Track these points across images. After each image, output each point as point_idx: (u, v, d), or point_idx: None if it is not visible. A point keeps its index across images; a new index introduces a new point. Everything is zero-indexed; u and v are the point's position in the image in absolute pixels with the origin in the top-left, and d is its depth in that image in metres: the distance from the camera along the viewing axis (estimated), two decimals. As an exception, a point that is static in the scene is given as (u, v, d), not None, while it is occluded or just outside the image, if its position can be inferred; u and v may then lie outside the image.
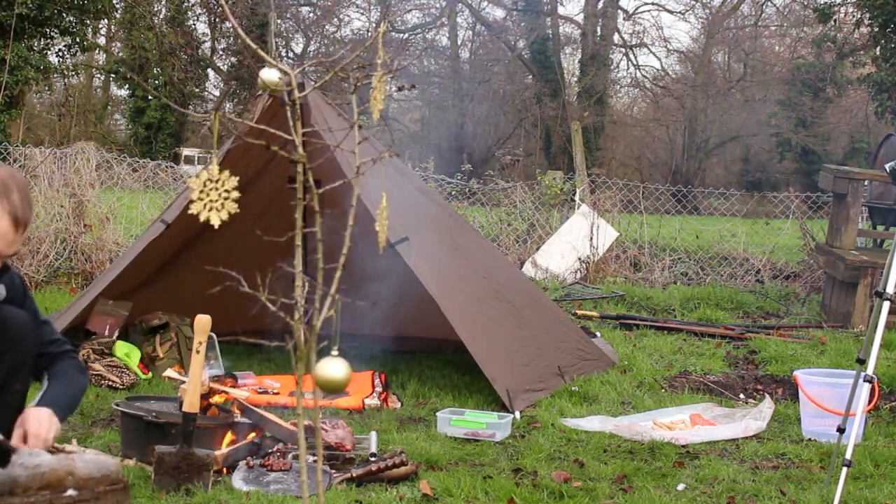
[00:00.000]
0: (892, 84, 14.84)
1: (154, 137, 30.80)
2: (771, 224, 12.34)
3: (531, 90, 31.16)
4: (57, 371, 3.03)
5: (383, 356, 6.21)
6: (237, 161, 5.35)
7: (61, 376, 3.02)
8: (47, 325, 3.13)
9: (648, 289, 9.31)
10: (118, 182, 10.93)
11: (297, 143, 1.76)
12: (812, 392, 4.75)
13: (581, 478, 3.94)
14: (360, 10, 34.74)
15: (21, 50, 11.32)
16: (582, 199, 11.86)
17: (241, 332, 5.93)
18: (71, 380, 3.04)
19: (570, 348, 5.85)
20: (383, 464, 3.79)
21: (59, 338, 3.16)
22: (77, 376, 3.09)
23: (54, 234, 8.94)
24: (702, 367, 6.31)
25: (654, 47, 34.97)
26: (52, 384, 2.99)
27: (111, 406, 4.45)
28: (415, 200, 5.59)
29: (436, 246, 5.48)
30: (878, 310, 3.76)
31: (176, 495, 3.53)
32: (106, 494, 2.70)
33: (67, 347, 3.14)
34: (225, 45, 31.33)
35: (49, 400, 2.91)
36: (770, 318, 8.47)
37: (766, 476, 4.10)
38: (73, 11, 12.08)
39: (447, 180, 12.72)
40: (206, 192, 1.71)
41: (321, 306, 1.77)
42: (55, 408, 2.87)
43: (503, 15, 32.35)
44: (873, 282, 7.45)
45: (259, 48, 1.84)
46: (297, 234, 1.78)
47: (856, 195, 8.26)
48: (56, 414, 2.85)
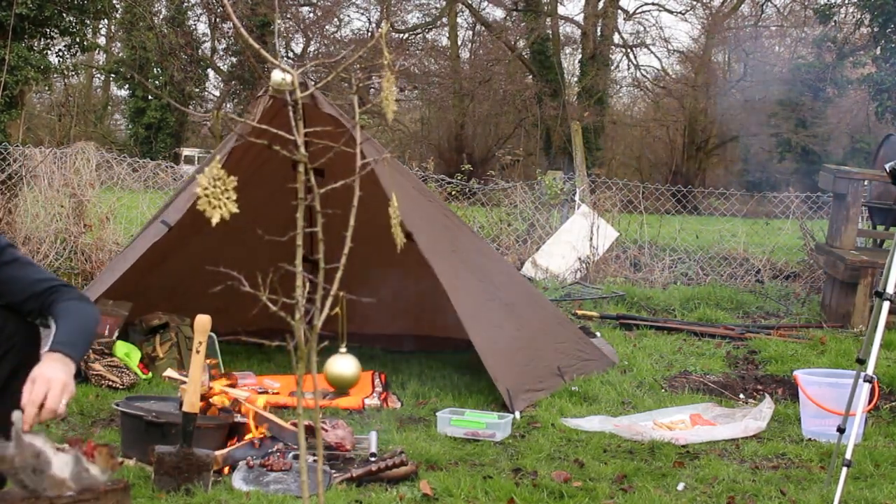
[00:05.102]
0: (892, 84, 14.83)
1: (154, 137, 30.79)
2: (771, 224, 12.34)
3: (531, 90, 31.14)
4: (61, 310, 2.87)
5: (383, 356, 6.22)
6: (239, 161, 5.35)
7: (66, 314, 2.86)
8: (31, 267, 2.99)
9: (648, 289, 9.31)
10: (118, 182, 10.94)
11: (298, 143, 1.76)
12: (812, 392, 4.75)
13: (581, 478, 3.94)
14: (360, 10, 34.78)
15: (21, 50, 11.30)
16: (582, 199, 11.86)
17: (241, 332, 5.94)
18: (78, 314, 2.88)
19: (569, 348, 5.86)
20: (383, 464, 3.79)
21: (49, 276, 3.01)
22: (84, 308, 2.94)
23: (54, 234, 8.95)
24: (702, 367, 6.31)
25: (654, 47, 34.90)
26: (60, 324, 2.82)
27: (111, 406, 4.46)
28: (414, 201, 5.59)
29: (435, 247, 5.48)
30: (878, 310, 3.76)
31: (176, 495, 3.53)
32: (106, 494, 2.70)
33: (60, 283, 2.99)
34: (225, 45, 31.32)
35: (60, 342, 2.75)
36: (770, 318, 8.47)
37: (766, 476, 4.10)
38: (73, 11, 12.06)
39: (447, 180, 12.72)
40: (212, 190, 1.72)
41: (322, 305, 1.77)
42: (69, 347, 2.73)
43: (503, 15, 32.35)
44: (873, 282, 7.44)
45: (259, 48, 1.84)
46: (297, 234, 1.78)
47: (856, 195, 8.25)
48: (70, 355, 2.72)
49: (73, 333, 2.82)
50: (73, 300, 2.92)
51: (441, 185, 12.45)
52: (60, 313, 2.86)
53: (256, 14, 24.86)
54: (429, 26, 32.38)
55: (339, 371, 5.05)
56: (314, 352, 1.82)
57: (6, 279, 2.91)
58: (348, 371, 5.05)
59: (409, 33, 32.18)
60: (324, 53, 29.56)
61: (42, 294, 2.91)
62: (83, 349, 2.86)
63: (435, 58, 32.84)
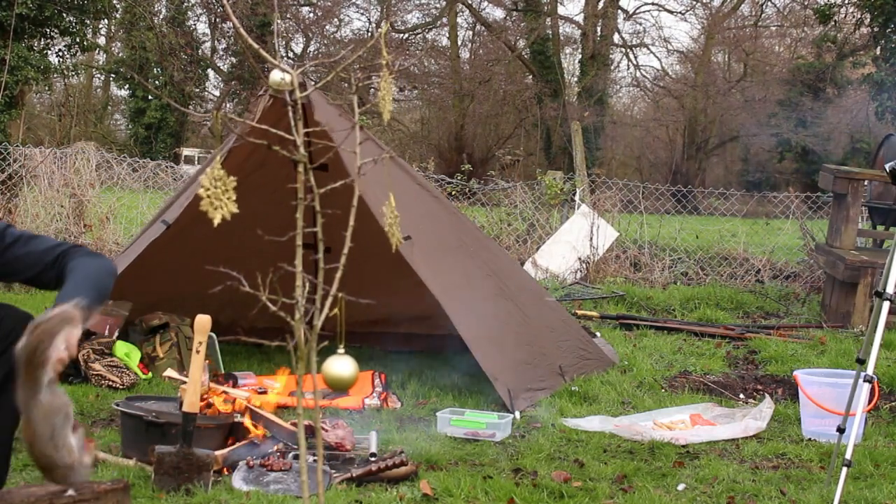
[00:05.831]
0: (892, 84, 14.83)
1: (154, 137, 30.81)
2: (771, 224, 12.34)
3: (531, 90, 31.15)
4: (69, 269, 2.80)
5: (383, 356, 6.21)
6: (239, 160, 5.34)
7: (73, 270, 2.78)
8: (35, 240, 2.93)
9: (648, 289, 9.31)
10: (118, 182, 10.95)
11: (298, 142, 1.76)
12: (812, 392, 4.75)
13: (581, 478, 3.94)
14: (360, 10, 34.80)
15: (21, 50, 11.31)
16: (582, 199, 11.86)
17: (241, 332, 5.93)
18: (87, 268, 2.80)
19: (572, 347, 5.85)
20: (383, 464, 3.79)
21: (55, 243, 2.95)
22: (93, 261, 2.86)
23: (54, 234, 8.94)
24: (702, 367, 6.31)
25: (654, 47, 35.00)
26: (69, 279, 2.74)
27: (111, 406, 4.46)
28: (417, 197, 5.58)
29: (439, 244, 5.47)
30: (878, 310, 3.76)
31: (176, 495, 3.53)
32: (106, 494, 2.70)
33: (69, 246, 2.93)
34: (225, 45, 31.33)
35: (68, 294, 2.64)
36: (770, 318, 8.47)
37: (766, 476, 4.10)
38: (73, 11, 12.07)
39: (447, 180, 12.71)
40: (213, 190, 1.72)
41: (322, 305, 1.77)
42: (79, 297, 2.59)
43: (503, 15, 32.35)
44: (873, 282, 7.45)
45: (259, 48, 1.84)
46: (297, 234, 1.78)
47: (856, 195, 8.25)
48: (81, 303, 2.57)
49: (79, 285, 2.72)
50: (82, 257, 2.87)
51: (441, 185, 12.45)
52: (68, 272, 2.80)
53: (256, 14, 24.86)
54: (429, 26, 32.39)
55: (337, 372, 5.04)
56: (314, 352, 1.83)
57: (14, 259, 2.88)
58: (346, 372, 5.04)
59: (409, 33, 32.20)
60: (324, 53, 29.57)
61: (55, 262, 2.86)
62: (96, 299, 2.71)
63: (435, 58, 32.85)
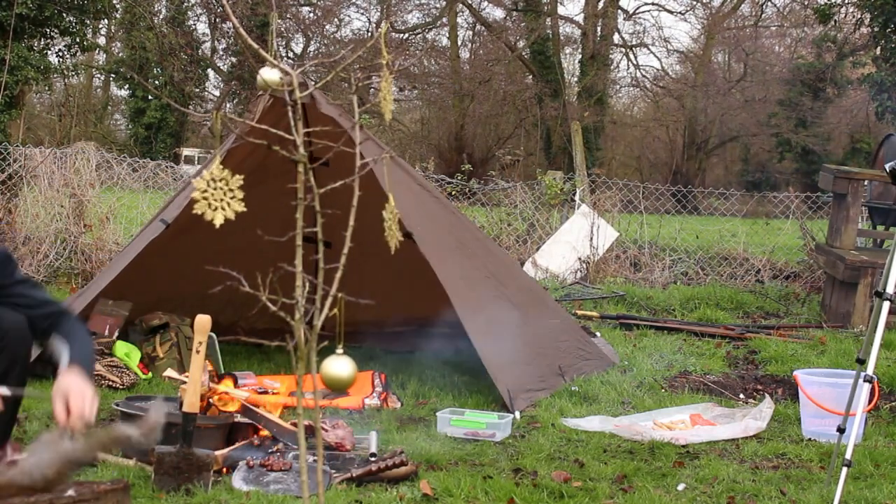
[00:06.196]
0: (892, 84, 14.82)
1: (154, 137, 30.81)
2: (771, 224, 12.34)
3: (531, 90, 31.15)
4: (68, 330, 3.14)
5: (383, 356, 6.21)
6: (239, 160, 5.34)
7: (76, 336, 3.14)
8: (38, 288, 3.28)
9: (648, 289, 9.31)
10: (118, 182, 10.94)
11: (298, 142, 1.76)
12: (812, 392, 4.75)
13: (581, 478, 3.94)
14: (360, 10, 34.79)
15: (21, 50, 11.31)
16: (582, 199, 11.85)
17: (241, 332, 5.94)
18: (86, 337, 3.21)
19: (571, 347, 5.85)
20: (383, 464, 3.79)
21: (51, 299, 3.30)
22: (88, 335, 3.27)
23: (54, 234, 8.95)
24: (702, 367, 6.31)
25: (654, 47, 34.98)
26: (74, 344, 3.10)
27: (111, 406, 4.46)
28: (417, 197, 5.58)
29: (439, 243, 5.47)
30: (878, 310, 3.76)
31: (176, 495, 3.53)
32: (106, 494, 2.70)
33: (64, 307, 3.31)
34: (225, 45, 31.32)
35: (78, 360, 3.02)
36: (770, 318, 8.47)
37: (766, 476, 4.10)
38: (73, 11, 12.06)
39: (447, 180, 12.71)
40: (210, 191, 1.72)
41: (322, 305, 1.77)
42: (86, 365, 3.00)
43: (503, 15, 32.35)
44: (873, 282, 7.44)
45: (259, 48, 1.84)
46: (297, 234, 1.78)
47: (856, 195, 8.25)
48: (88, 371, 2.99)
49: (85, 353, 3.10)
50: (79, 323, 3.26)
51: (441, 185, 12.45)
52: (71, 333, 3.14)
53: (256, 14, 24.84)
54: (429, 26, 32.38)
55: (335, 372, 5.04)
56: (314, 352, 1.82)
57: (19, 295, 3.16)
58: (344, 373, 5.04)
59: (409, 33, 32.19)
60: (323, 53, 29.56)
61: (49, 316, 3.17)
62: (92, 369, 3.13)
63: (435, 58, 32.85)
